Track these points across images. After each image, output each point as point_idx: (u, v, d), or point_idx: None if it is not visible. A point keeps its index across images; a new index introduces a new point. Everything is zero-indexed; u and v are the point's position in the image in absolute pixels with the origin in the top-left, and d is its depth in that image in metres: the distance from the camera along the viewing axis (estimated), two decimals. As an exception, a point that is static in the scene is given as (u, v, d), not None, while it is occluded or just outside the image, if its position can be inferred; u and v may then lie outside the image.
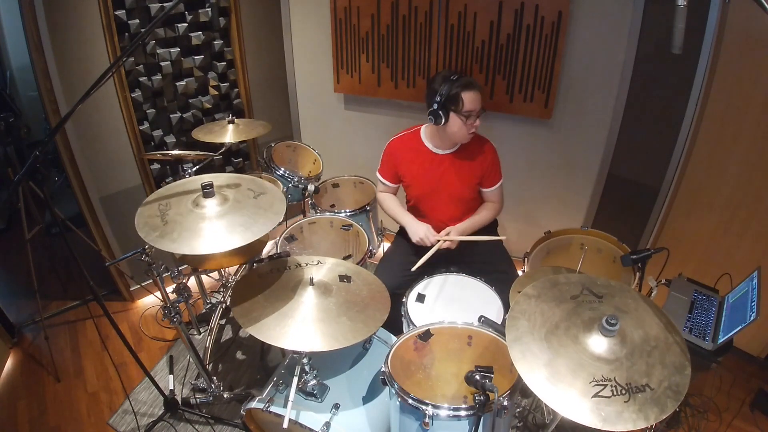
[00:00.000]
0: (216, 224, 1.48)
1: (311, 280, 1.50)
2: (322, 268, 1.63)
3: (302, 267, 1.63)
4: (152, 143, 2.52)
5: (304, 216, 2.44)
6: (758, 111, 2.02)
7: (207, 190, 1.53)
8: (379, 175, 2.17)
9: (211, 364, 2.34)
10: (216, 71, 2.62)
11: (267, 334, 1.36)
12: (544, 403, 1.40)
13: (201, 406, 2.10)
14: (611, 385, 1.11)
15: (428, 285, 1.90)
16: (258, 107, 2.87)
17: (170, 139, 2.56)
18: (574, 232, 2.14)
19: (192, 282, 2.55)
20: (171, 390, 2.17)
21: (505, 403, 1.29)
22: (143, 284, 2.73)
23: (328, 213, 2.37)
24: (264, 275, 1.58)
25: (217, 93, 2.68)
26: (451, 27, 2.38)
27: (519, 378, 1.20)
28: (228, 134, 2.26)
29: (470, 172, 2.00)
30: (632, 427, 1.04)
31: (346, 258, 2.08)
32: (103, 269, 2.59)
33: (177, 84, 2.49)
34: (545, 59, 2.28)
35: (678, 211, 2.41)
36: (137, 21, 2.22)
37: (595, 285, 1.37)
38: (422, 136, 2.05)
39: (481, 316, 1.57)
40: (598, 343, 1.19)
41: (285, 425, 1.40)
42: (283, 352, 2.08)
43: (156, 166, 2.57)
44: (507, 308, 1.75)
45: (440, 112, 1.85)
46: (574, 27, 2.20)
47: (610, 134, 2.37)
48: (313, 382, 1.55)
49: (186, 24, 2.39)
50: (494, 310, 1.77)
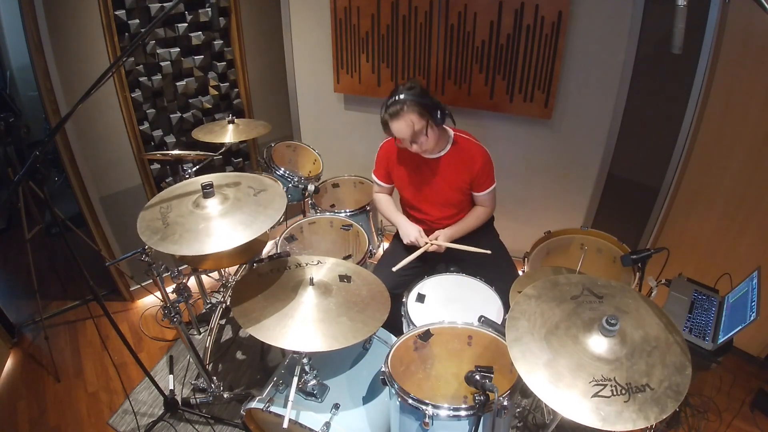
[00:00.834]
0: (217, 224, 1.48)
1: (311, 280, 1.50)
2: (322, 268, 1.63)
3: (302, 267, 1.63)
4: (152, 143, 2.52)
5: (304, 216, 2.44)
6: (758, 111, 2.02)
7: (207, 190, 1.53)
8: (374, 176, 2.17)
9: (211, 364, 2.34)
10: (216, 71, 2.62)
11: (267, 334, 1.36)
12: (544, 403, 1.40)
13: (201, 406, 2.10)
14: (611, 385, 1.11)
15: (428, 285, 1.90)
16: (258, 107, 2.87)
17: (170, 139, 2.56)
18: (574, 232, 2.14)
19: (192, 282, 2.55)
20: (171, 390, 2.17)
21: (505, 403, 1.29)
22: (143, 284, 2.73)
23: (328, 213, 2.37)
24: (264, 275, 1.59)
25: (217, 93, 2.68)
26: (451, 27, 2.38)
27: (519, 378, 1.20)
28: (228, 134, 2.26)
29: (458, 177, 1.98)
30: (632, 427, 1.04)
31: (346, 258, 2.08)
32: (103, 269, 2.59)
33: (177, 84, 2.49)
34: (545, 59, 2.28)
35: (678, 211, 2.41)
36: (137, 21, 2.22)
37: (596, 285, 1.37)
38: None
39: (481, 316, 1.57)
40: (598, 343, 1.19)
41: (285, 425, 1.40)
42: (283, 352, 2.09)
43: (156, 166, 2.57)
44: (507, 308, 1.75)
45: (385, 130, 1.88)
46: (574, 27, 2.20)
47: (610, 134, 2.37)
48: (313, 382, 1.55)
49: (186, 24, 2.39)
50: (494, 310, 1.77)
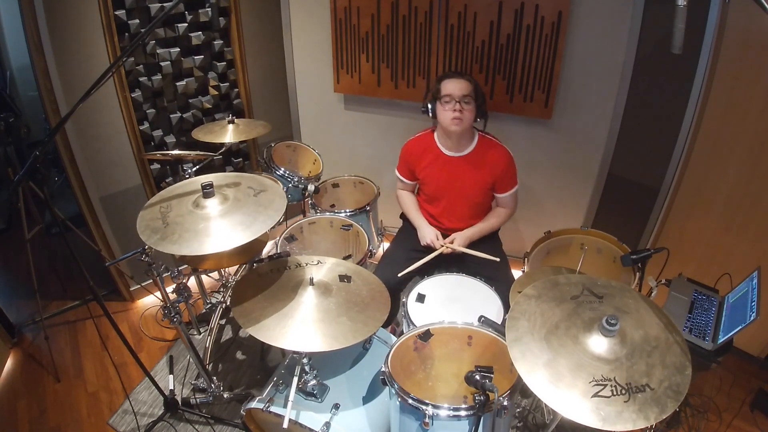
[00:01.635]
0: (217, 224, 1.48)
1: (311, 280, 1.50)
2: (322, 268, 1.63)
3: (302, 267, 1.63)
4: (152, 143, 2.52)
5: (304, 216, 2.44)
6: (758, 111, 2.02)
7: (207, 191, 1.53)
8: (397, 173, 2.26)
9: (211, 364, 2.34)
10: (216, 71, 2.62)
11: (267, 334, 1.36)
12: (544, 403, 1.40)
13: (201, 406, 2.10)
14: (611, 385, 1.11)
15: (428, 285, 1.90)
16: (258, 107, 2.87)
17: (170, 139, 2.56)
18: (574, 232, 2.14)
19: (192, 282, 2.55)
20: (171, 390, 2.17)
21: (505, 403, 1.29)
22: (143, 284, 2.73)
23: (328, 213, 2.37)
24: (264, 275, 1.58)
25: (217, 93, 2.67)
26: (451, 27, 2.38)
27: (519, 378, 1.20)
28: (228, 134, 2.26)
29: (481, 178, 2.03)
30: (632, 427, 1.04)
31: (346, 258, 2.08)
32: (103, 269, 2.59)
33: (177, 84, 2.49)
34: (545, 59, 2.28)
35: (678, 211, 2.41)
36: (137, 21, 2.22)
37: (596, 285, 1.37)
38: (435, 138, 2.10)
39: (481, 316, 1.57)
40: (598, 343, 1.19)
41: (285, 425, 1.40)
42: (283, 352, 2.09)
43: (156, 166, 2.57)
44: (507, 308, 1.75)
45: (428, 104, 2.01)
46: (574, 27, 2.20)
47: (610, 134, 2.37)
48: (313, 382, 1.55)
49: (186, 24, 2.39)
50: (494, 310, 1.77)
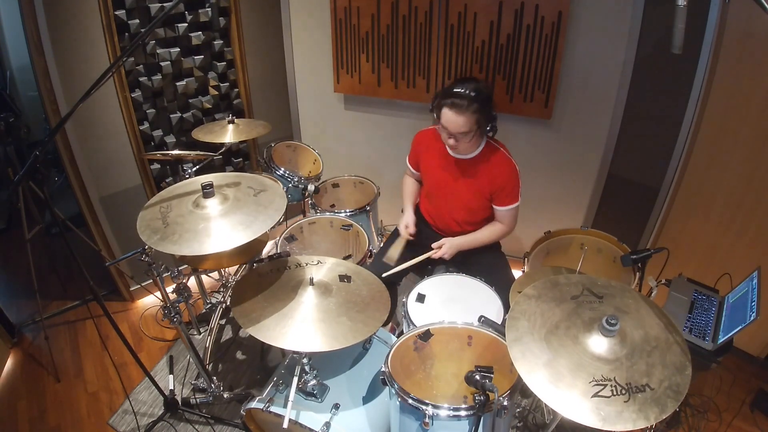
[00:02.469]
0: (217, 224, 1.48)
1: (311, 280, 1.50)
2: (322, 268, 1.63)
3: (302, 267, 1.63)
4: (152, 143, 2.52)
5: (304, 216, 2.44)
6: (758, 111, 2.02)
7: (207, 190, 1.53)
8: (408, 159, 2.23)
9: (211, 364, 2.34)
10: (216, 71, 2.62)
11: (267, 335, 1.36)
12: (544, 403, 1.40)
13: (201, 406, 2.10)
14: (611, 385, 1.11)
15: (428, 285, 1.90)
16: (258, 107, 2.87)
17: (170, 139, 2.56)
18: (574, 232, 2.14)
19: (192, 282, 2.55)
20: (171, 390, 2.17)
21: (505, 403, 1.29)
22: (143, 284, 2.73)
23: (328, 213, 2.37)
24: (264, 275, 1.58)
25: (217, 93, 2.67)
26: (451, 27, 2.38)
27: (519, 378, 1.20)
28: (228, 134, 2.26)
29: (480, 185, 1.95)
30: (632, 427, 1.04)
31: (346, 258, 2.08)
32: (103, 269, 2.59)
33: (177, 84, 2.49)
34: (545, 59, 2.28)
35: (678, 211, 2.41)
36: (137, 21, 2.22)
37: (596, 285, 1.37)
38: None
39: (481, 316, 1.57)
40: (598, 343, 1.19)
41: (285, 425, 1.40)
42: (283, 352, 2.09)
43: (156, 166, 2.57)
44: (507, 308, 1.75)
45: (433, 113, 1.86)
46: (574, 27, 2.20)
47: (610, 134, 2.37)
48: (313, 382, 1.55)
49: (186, 24, 2.39)
50: (494, 310, 1.77)
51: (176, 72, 2.47)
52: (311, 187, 2.41)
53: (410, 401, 1.34)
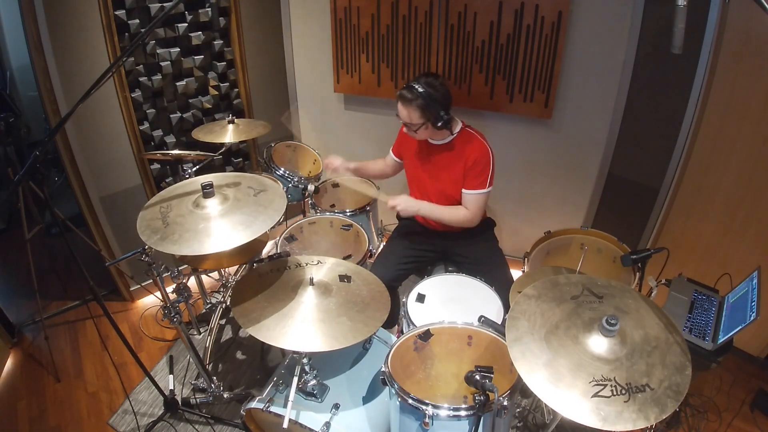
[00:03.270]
0: (216, 224, 1.48)
1: (311, 280, 1.50)
2: (322, 268, 1.63)
3: (302, 267, 1.63)
4: (152, 143, 2.52)
5: (304, 216, 2.44)
6: (758, 111, 2.02)
7: (207, 190, 1.53)
8: (390, 150, 2.27)
9: (211, 364, 2.34)
10: (216, 71, 2.62)
11: (267, 334, 1.36)
12: (544, 403, 1.40)
13: (201, 406, 2.10)
14: (611, 385, 1.11)
15: (428, 285, 1.90)
16: (258, 107, 2.87)
17: (170, 139, 2.56)
18: (574, 232, 2.14)
19: (192, 282, 2.55)
20: (171, 390, 2.17)
21: (505, 403, 1.29)
22: (143, 284, 2.73)
23: (328, 213, 2.37)
24: (264, 275, 1.59)
25: (217, 93, 2.67)
26: (451, 27, 2.38)
27: (519, 378, 1.20)
28: (228, 134, 2.26)
29: (455, 170, 1.96)
30: (632, 427, 1.04)
31: (346, 258, 2.08)
32: (103, 269, 2.59)
33: (177, 84, 2.49)
34: (545, 59, 2.28)
35: (678, 211, 2.41)
36: (137, 21, 2.22)
37: (596, 285, 1.37)
38: None
39: (481, 316, 1.57)
40: (598, 343, 1.19)
41: (285, 425, 1.40)
42: (283, 352, 2.09)
43: (156, 166, 2.57)
44: (507, 308, 1.75)
45: None
46: (574, 27, 2.20)
47: (610, 134, 2.37)
48: (313, 382, 1.55)
49: (186, 24, 2.39)
50: (494, 310, 1.77)
51: (176, 72, 2.47)
52: (311, 187, 2.41)
53: (410, 401, 1.34)
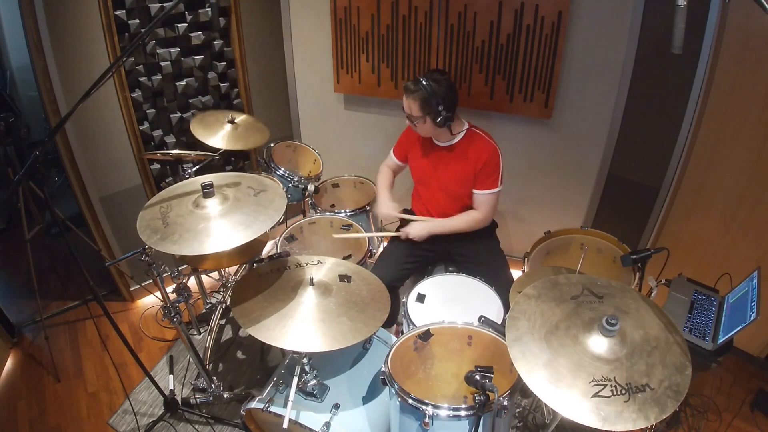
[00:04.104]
0: (216, 224, 1.48)
1: (311, 280, 1.50)
2: (322, 268, 1.63)
3: (302, 267, 1.63)
4: (152, 143, 2.52)
5: (304, 216, 2.44)
6: (758, 111, 2.02)
7: (207, 190, 1.53)
8: (392, 150, 2.26)
9: (211, 364, 2.34)
10: (216, 71, 2.62)
11: (267, 335, 1.36)
12: (544, 403, 1.40)
13: (201, 406, 2.10)
14: (611, 385, 1.11)
15: (428, 285, 1.90)
16: (258, 107, 2.87)
17: (170, 139, 2.56)
18: (574, 232, 2.14)
19: (192, 282, 2.55)
20: (171, 390, 2.17)
21: (505, 403, 1.29)
22: (143, 284, 2.73)
23: (328, 213, 2.37)
24: (264, 275, 1.59)
25: (217, 93, 2.67)
26: (451, 27, 2.38)
27: (519, 378, 1.20)
28: (225, 134, 2.25)
29: (462, 169, 1.98)
30: (632, 427, 1.04)
31: (346, 258, 2.08)
32: (103, 269, 2.59)
33: (177, 84, 2.49)
34: (545, 59, 2.28)
35: (678, 211, 2.41)
36: (137, 21, 2.22)
37: (596, 285, 1.37)
38: None
39: (481, 316, 1.57)
40: (598, 343, 1.19)
41: (285, 425, 1.40)
42: (283, 352, 2.09)
43: (156, 166, 2.57)
44: (507, 308, 1.75)
45: None
46: (574, 27, 2.20)
47: (610, 134, 2.37)
48: (313, 382, 1.55)
49: (186, 24, 2.39)
50: (494, 310, 1.77)
51: (176, 72, 2.47)
52: (311, 187, 2.41)
53: (410, 401, 1.34)
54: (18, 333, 2.59)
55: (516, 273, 2.06)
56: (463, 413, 1.31)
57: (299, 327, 1.38)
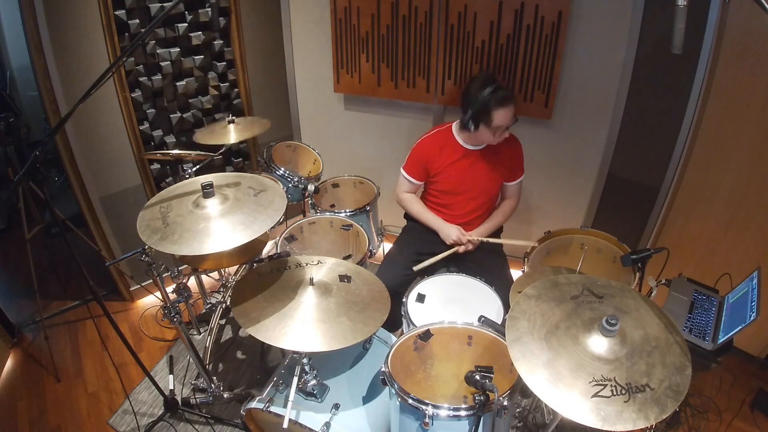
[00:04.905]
0: (217, 224, 1.48)
1: (311, 280, 1.50)
2: (322, 268, 1.63)
3: (302, 267, 1.63)
4: (152, 143, 2.52)
5: (304, 216, 2.44)
6: (758, 111, 2.02)
7: (207, 190, 1.53)
8: (404, 172, 2.16)
9: (211, 364, 2.34)
10: (216, 71, 2.62)
11: (267, 335, 1.36)
12: (544, 403, 1.40)
13: (201, 406, 2.10)
14: (611, 385, 1.11)
15: (428, 285, 1.90)
16: (258, 107, 2.87)
17: (170, 139, 2.56)
18: (574, 232, 2.13)
19: (192, 282, 2.55)
20: (171, 390, 2.17)
21: (505, 403, 1.28)
22: (143, 284, 2.73)
23: (328, 213, 2.37)
24: (264, 275, 1.58)
25: (217, 93, 2.68)
26: (451, 27, 2.38)
27: (519, 378, 1.20)
28: (230, 134, 2.26)
29: (499, 166, 2.06)
30: (632, 427, 1.04)
31: (346, 258, 2.08)
32: (103, 269, 2.59)
33: (177, 84, 2.49)
34: (545, 59, 2.28)
35: (678, 211, 2.41)
36: (137, 21, 2.22)
37: (596, 285, 1.37)
38: (453, 131, 2.07)
39: (481, 316, 1.57)
40: (598, 343, 1.19)
41: (285, 425, 1.40)
42: (283, 352, 2.08)
43: (156, 166, 2.57)
44: (507, 308, 1.75)
45: (470, 122, 1.91)
46: (574, 27, 2.20)
47: (610, 134, 2.37)
48: (313, 382, 1.55)
49: (186, 24, 2.39)
50: (494, 310, 1.77)
51: (176, 72, 2.47)
52: (311, 187, 2.41)
53: (410, 401, 1.34)
54: (18, 333, 2.59)
55: (516, 273, 2.06)
56: (463, 413, 1.31)
57: (299, 327, 1.38)
